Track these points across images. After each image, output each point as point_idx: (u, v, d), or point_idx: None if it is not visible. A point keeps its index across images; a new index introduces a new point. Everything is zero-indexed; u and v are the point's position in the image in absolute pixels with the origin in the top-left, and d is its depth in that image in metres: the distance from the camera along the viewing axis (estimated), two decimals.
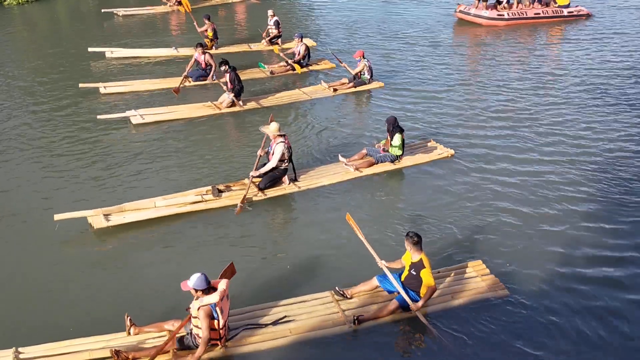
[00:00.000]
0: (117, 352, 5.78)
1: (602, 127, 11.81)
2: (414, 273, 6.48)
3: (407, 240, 6.52)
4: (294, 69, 14.87)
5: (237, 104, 12.42)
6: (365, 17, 20.98)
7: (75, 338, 6.08)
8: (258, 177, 9.21)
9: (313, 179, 9.59)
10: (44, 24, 19.94)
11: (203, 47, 14.01)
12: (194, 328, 5.87)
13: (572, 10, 20.77)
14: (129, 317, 6.18)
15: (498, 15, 19.94)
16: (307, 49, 15.10)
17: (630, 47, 17.46)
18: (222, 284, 5.90)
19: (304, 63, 15.11)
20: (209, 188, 9.02)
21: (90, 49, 15.70)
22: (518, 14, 20.15)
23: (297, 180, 9.50)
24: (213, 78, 13.78)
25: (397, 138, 9.88)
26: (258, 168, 9.21)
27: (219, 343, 5.99)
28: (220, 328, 5.88)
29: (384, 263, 6.78)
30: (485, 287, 7.01)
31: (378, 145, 10.24)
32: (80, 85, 13.23)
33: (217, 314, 5.78)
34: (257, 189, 9.15)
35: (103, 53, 15.70)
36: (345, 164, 9.93)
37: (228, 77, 12.34)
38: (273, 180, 9.29)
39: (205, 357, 5.89)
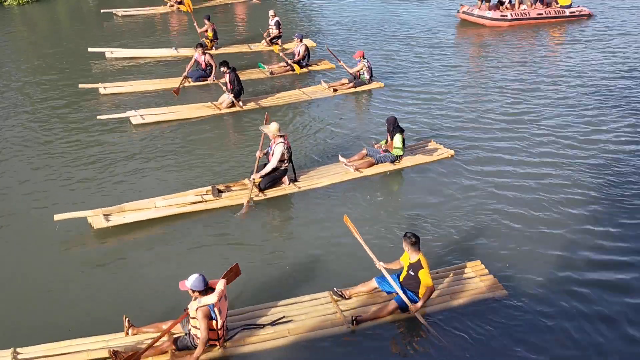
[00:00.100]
0: (115, 352, 5.78)
1: (603, 129, 11.74)
2: (412, 274, 6.48)
3: (405, 241, 6.52)
4: (294, 70, 14.87)
5: (236, 105, 12.43)
6: (368, 17, 20.96)
7: (74, 338, 6.08)
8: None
9: (313, 180, 9.59)
10: (44, 24, 19.95)
11: (203, 47, 14.04)
12: (192, 329, 5.87)
13: (573, 11, 20.75)
14: (127, 318, 6.18)
15: (501, 16, 19.92)
16: (306, 50, 15.11)
17: (633, 47, 17.41)
18: (220, 284, 5.90)
19: (304, 63, 15.11)
20: (209, 188, 9.01)
21: (90, 49, 15.72)
22: (521, 15, 20.13)
23: (297, 181, 9.50)
24: (213, 79, 13.79)
25: (397, 138, 9.88)
26: (258, 169, 9.19)
27: (218, 343, 5.99)
28: (219, 328, 5.89)
29: (382, 265, 6.77)
30: (484, 287, 7.01)
31: (378, 146, 10.23)
32: (80, 86, 13.26)
33: (215, 315, 5.78)
34: (257, 190, 9.15)
35: (103, 53, 15.72)
36: (345, 164, 9.93)
37: (228, 77, 12.35)
38: (273, 181, 9.29)
39: (204, 357, 5.90)
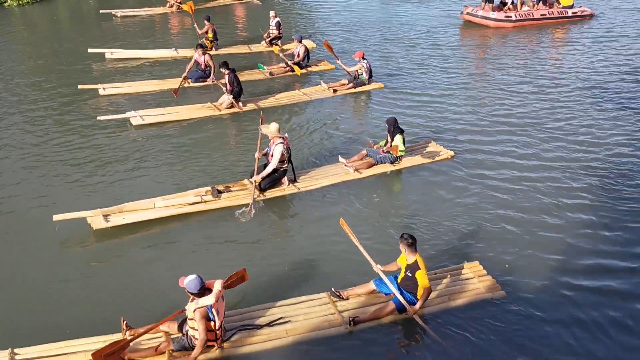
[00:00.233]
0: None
1: (604, 132, 11.65)
2: (410, 275, 6.47)
3: (401, 242, 6.52)
4: (294, 70, 14.85)
5: (235, 106, 12.42)
6: (369, 19, 20.89)
7: (72, 339, 6.08)
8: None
9: (313, 180, 9.58)
10: (44, 25, 19.96)
11: (203, 48, 14.04)
12: (190, 329, 5.87)
13: (576, 11, 20.79)
14: (125, 321, 6.17)
15: (506, 17, 19.92)
16: (306, 51, 15.09)
17: (635, 48, 17.35)
18: (217, 285, 5.90)
19: (304, 64, 15.09)
20: (209, 189, 9.01)
21: (90, 50, 15.72)
22: (525, 16, 20.13)
23: (296, 181, 9.50)
24: (212, 79, 13.80)
25: (398, 139, 9.86)
26: (259, 170, 9.16)
27: (215, 344, 5.99)
28: (217, 329, 5.88)
29: (380, 267, 6.75)
30: (483, 288, 7.00)
31: (378, 147, 10.23)
32: (80, 86, 13.25)
33: (213, 316, 5.78)
34: (257, 190, 9.13)
35: (103, 54, 15.71)
36: (345, 165, 9.92)
37: (227, 78, 12.35)
38: (273, 182, 9.28)
39: (202, 358, 5.90)
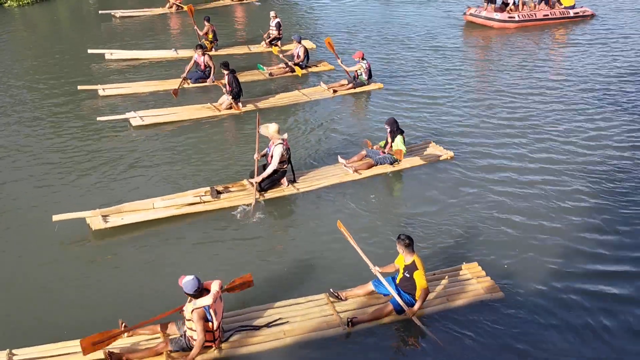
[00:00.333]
0: (110, 353, 5.78)
1: (606, 134, 11.59)
2: (408, 275, 6.46)
3: (398, 243, 6.50)
4: (294, 71, 14.84)
5: (235, 107, 12.41)
6: (370, 19, 20.84)
7: (71, 340, 6.07)
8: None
9: (312, 181, 9.58)
10: (44, 26, 19.97)
11: (203, 48, 14.04)
12: (188, 330, 5.87)
13: (577, 11, 20.84)
14: (124, 323, 6.16)
15: (509, 18, 19.93)
16: (306, 51, 15.08)
17: (636, 49, 17.32)
18: (214, 286, 5.89)
19: (303, 65, 15.08)
20: (208, 189, 9.01)
21: (90, 51, 15.72)
22: (528, 16, 20.16)
23: (296, 182, 9.49)
24: (212, 80, 13.79)
25: (399, 140, 9.84)
26: (259, 172, 9.13)
27: (213, 345, 5.99)
28: (215, 330, 5.88)
29: (378, 269, 6.72)
30: (481, 289, 6.99)
31: (377, 147, 10.22)
32: (80, 87, 13.25)
33: (211, 316, 5.77)
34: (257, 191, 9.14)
35: (103, 55, 15.71)
36: (345, 166, 9.91)
37: (227, 79, 12.34)
38: (272, 182, 9.27)
39: (199, 359, 5.89)
